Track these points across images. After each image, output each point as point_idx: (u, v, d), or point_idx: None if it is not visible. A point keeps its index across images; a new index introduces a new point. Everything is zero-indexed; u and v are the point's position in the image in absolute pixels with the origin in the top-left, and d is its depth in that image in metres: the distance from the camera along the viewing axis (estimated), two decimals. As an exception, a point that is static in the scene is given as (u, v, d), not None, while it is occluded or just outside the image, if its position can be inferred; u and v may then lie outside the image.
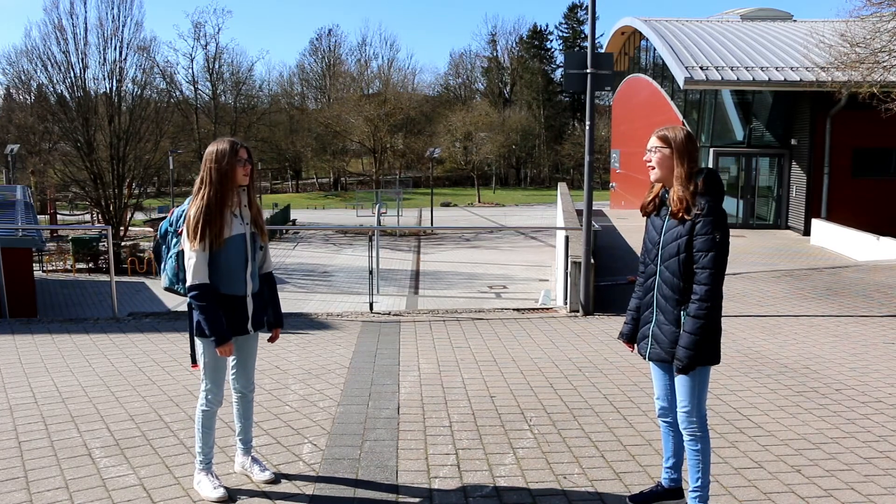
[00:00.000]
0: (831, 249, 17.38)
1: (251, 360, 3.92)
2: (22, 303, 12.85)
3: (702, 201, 3.26)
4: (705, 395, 3.45)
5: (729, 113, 22.56)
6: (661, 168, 3.37)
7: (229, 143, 3.62)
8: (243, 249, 3.67)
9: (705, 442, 3.45)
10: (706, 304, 3.24)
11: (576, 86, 8.68)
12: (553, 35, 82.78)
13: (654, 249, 3.44)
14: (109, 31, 33.88)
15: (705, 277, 3.24)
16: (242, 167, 3.59)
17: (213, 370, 3.71)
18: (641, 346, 3.57)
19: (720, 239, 3.23)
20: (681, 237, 3.29)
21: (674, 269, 3.33)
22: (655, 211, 3.48)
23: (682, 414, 3.43)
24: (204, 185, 3.56)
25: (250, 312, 3.75)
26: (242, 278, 3.68)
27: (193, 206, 3.55)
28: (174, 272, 3.71)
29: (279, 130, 70.39)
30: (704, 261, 3.24)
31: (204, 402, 3.74)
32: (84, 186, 34.91)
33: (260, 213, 3.80)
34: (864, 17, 14.61)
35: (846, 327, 7.87)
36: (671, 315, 3.38)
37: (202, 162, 3.61)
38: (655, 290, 3.44)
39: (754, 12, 29.10)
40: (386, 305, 18.15)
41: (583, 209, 9.21)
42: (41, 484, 3.94)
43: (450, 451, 4.41)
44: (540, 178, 78.12)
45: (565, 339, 7.36)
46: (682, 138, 3.34)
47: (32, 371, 6.17)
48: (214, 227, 3.52)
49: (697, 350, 3.27)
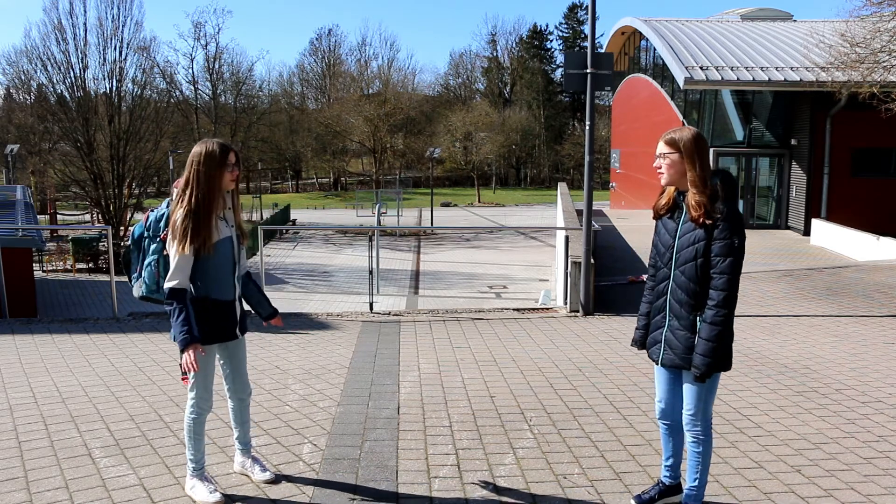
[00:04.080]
0: (831, 249, 17.38)
1: (243, 364, 3.86)
2: (22, 303, 12.85)
3: (721, 206, 3.19)
4: (713, 400, 3.42)
5: (729, 113, 22.56)
6: (671, 173, 3.30)
7: (219, 145, 3.47)
8: (231, 253, 3.58)
9: (708, 445, 3.43)
10: (724, 311, 3.19)
11: (576, 86, 8.69)
12: (553, 35, 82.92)
13: (668, 253, 3.37)
14: (109, 31, 33.88)
15: (723, 283, 3.18)
16: (230, 172, 3.46)
17: (202, 377, 3.61)
18: (653, 350, 3.49)
19: (738, 244, 3.18)
20: (698, 241, 3.22)
21: (690, 274, 3.26)
22: (668, 214, 3.41)
23: (688, 417, 3.40)
24: (190, 188, 3.40)
25: (238, 317, 3.71)
26: (231, 282, 3.61)
27: (180, 210, 3.39)
28: (154, 279, 3.53)
29: (279, 130, 70.43)
30: (722, 266, 3.18)
31: (193, 410, 3.65)
32: (84, 186, 34.90)
33: (240, 215, 3.67)
34: (864, 17, 14.61)
35: (846, 327, 7.87)
36: (686, 321, 3.31)
37: (188, 161, 3.45)
38: (669, 294, 3.37)
39: (754, 12, 29.10)
40: (386, 305, 18.15)
41: (583, 209, 9.21)
42: (41, 484, 3.94)
43: (450, 451, 4.41)
44: (540, 178, 78.12)
45: (565, 339, 7.36)
46: (690, 140, 3.25)
47: (32, 371, 6.16)
48: (203, 232, 3.39)
49: (715, 357, 3.21)
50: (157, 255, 3.53)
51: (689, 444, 3.46)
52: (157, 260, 3.53)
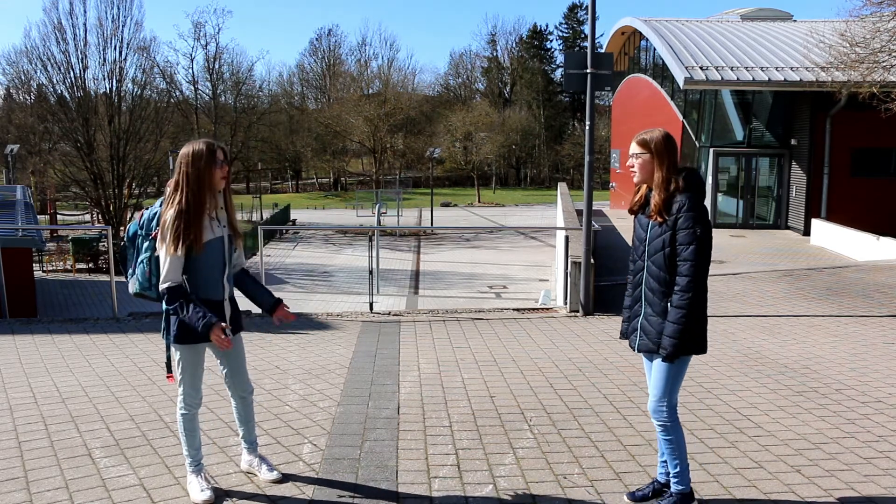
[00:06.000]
0: (831, 249, 17.38)
1: (241, 363, 3.88)
2: (22, 303, 12.85)
3: (682, 198, 3.39)
4: (678, 387, 3.56)
5: (729, 113, 22.56)
6: (642, 172, 3.52)
7: (205, 143, 3.52)
8: (221, 253, 3.60)
9: (676, 431, 3.54)
10: (688, 295, 3.37)
11: (576, 86, 8.69)
12: (553, 35, 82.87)
13: (642, 247, 3.57)
14: (109, 31, 33.91)
15: (686, 269, 3.37)
16: (220, 168, 3.50)
17: (190, 375, 3.66)
18: (632, 338, 3.67)
19: (701, 233, 3.37)
20: (665, 233, 3.43)
21: (659, 264, 3.46)
22: (642, 210, 3.62)
23: (654, 403, 3.54)
24: (180, 188, 3.45)
25: (228, 315, 3.71)
26: (220, 282, 3.63)
27: (170, 209, 3.43)
28: (146, 277, 3.57)
29: (279, 130, 70.41)
30: (686, 253, 3.38)
31: (182, 406, 3.69)
32: (84, 186, 34.90)
33: (234, 214, 3.70)
34: (863, 17, 14.60)
35: (846, 327, 7.87)
36: (658, 307, 3.50)
37: (177, 164, 3.51)
38: (644, 284, 3.57)
39: (754, 12, 29.10)
40: (386, 305, 18.15)
41: (583, 209, 9.21)
42: (41, 484, 3.94)
43: (450, 451, 4.41)
44: (540, 178, 78.09)
45: (565, 339, 7.36)
46: (660, 141, 3.47)
47: (32, 371, 6.16)
48: (192, 232, 3.42)
49: (681, 338, 3.39)
50: (149, 253, 3.57)
51: (659, 434, 3.59)
52: (149, 258, 3.57)
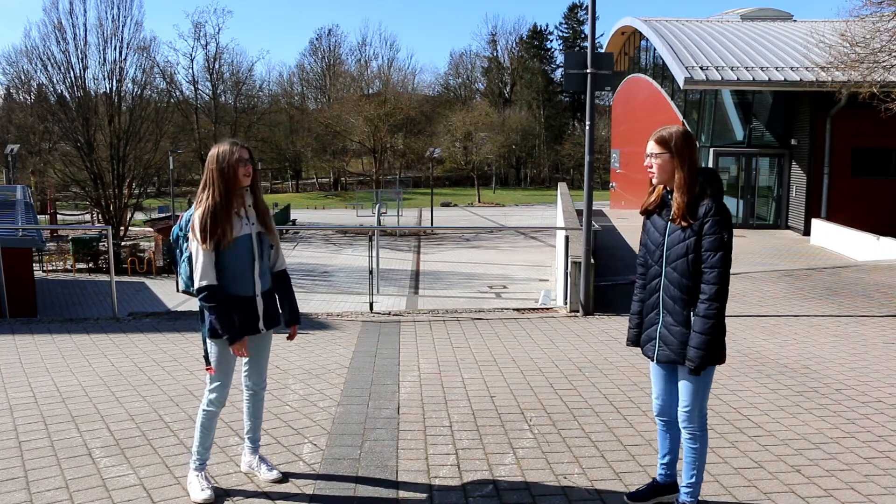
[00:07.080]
0: (831, 249, 17.38)
1: (264, 358, 3.96)
2: (22, 303, 12.85)
3: (707, 202, 3.26)
4: (707, 396, 3.46)
5: (729, 113, 22.56)
6: (661, 173, 3.36)
7: (229, 143, 3.67)
8: (250, 249, 3.70)
9: (704, 441, 3.47)
10: (716, 304, 3.24)
11: (576, 86, 8.69)
12: (553, 35, 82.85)
13: (658, 251, 3.41)
14: (109, 31, 33.92)
15: (714, 277, 3.24)
16: (243, 167, 3.62)
17: (223, 372, 3.75)
18: (648, 347, 3.53)
19: (728, 238, 3.25)
20: (689, 237, 3.28)
21: (682, 270, 3.31)
22: (657, 211, 3.46)
23: (684, 413, 3.44)
24: (207, 188, 3.61)
25: (261, 312, 3.78)
26: (251, 278, 3.72)
27: (198, 210, 3.61)
28: (188, 275, 3.75)
29: (279, 130, 70.45)
30: (713, 260, 3.24)
31: (208, 403, 3.77)
32: (84, 186, 34.91)
33: (267, 212, 3.84)
34: (863, 17, 14.59)
35: (846, 327, 7.87)
36: (680, 316, 3.36)
37: (205, 165, 3.68)
38: (661, 291, 3.41)
39: (754, 12, 29.09)
40: (386, 305, 18.15)
41: (583, 209, 9.21)
42: (41, 484, 3.94)
43: (450, 451, 4.41)
44: (540, 178, 78.09)
45: (565, 339, 7.37)
46: (680, 138, 3.31)
47: (32, 371, 6.16)
48: (220, 229, 3.57)
49: (708, 350, 3.27)
50: (189, 253, 3.74)
51: (686, 441, 3.48)
52: (188, 258, 3.73)
